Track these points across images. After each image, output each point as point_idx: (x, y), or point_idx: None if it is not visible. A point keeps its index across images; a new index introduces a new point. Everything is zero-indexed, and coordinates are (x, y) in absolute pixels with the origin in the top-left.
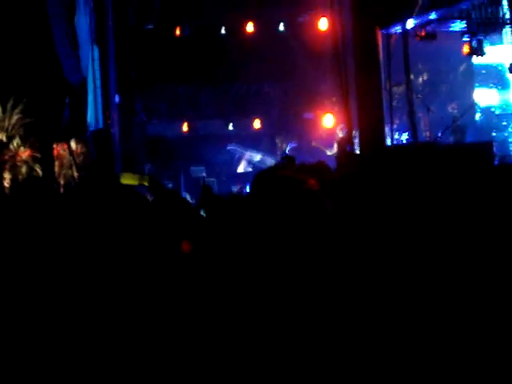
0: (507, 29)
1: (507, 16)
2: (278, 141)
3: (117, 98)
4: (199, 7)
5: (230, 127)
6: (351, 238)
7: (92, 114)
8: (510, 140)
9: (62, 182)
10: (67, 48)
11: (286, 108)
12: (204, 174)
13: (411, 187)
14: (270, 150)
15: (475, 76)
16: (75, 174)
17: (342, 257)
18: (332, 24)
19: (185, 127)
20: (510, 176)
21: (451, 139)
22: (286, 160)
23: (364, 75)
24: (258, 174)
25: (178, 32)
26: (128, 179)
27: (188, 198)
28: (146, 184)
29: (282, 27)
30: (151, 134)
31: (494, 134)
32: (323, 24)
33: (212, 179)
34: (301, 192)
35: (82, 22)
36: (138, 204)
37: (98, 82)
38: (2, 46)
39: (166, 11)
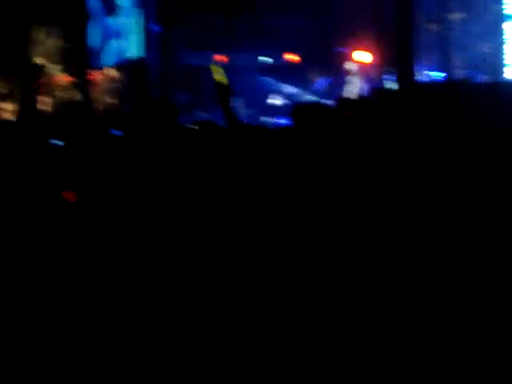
0: None
1: None
2: (309, 75)
3: (156, 27)
4: None
5: (265, 60)
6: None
7: (132, 42)
8: None
9: (99, 107)
10: None
11: (321, 43)
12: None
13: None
14: (302, 84)
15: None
16: (112, 100)
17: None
18: None
19: (222, 58)
20: None
21: (485, 78)
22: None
23: (400, 12)
24: (302, 107)
25: None
26: (219, 74)
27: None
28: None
29: None
30: (189, 63)
31: None
32: None
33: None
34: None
35: None
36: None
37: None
38: None
39: None
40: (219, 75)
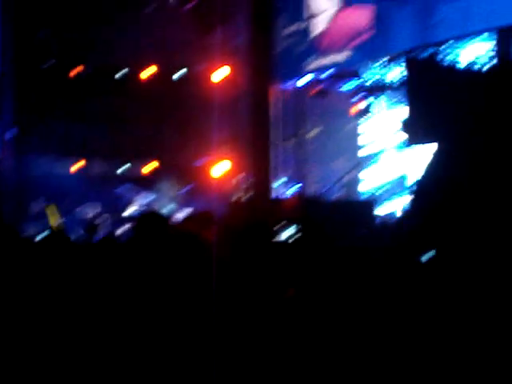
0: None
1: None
2: (172, 184)
3: (10, 134)
4: (100, 47)
5: (125, 168)
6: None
7: None
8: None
9: None
10: None
11: (182, 153)
12: (95, 212)
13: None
14: (164, 192)
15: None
16: None
17: None
18: (231, 74)
19: (78, 165)
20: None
21: (340, 194)
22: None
23: (256, 128)
24: (142, 219)
25: (78, 70)
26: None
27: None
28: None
29: (181, 73)
30: (46, 171)
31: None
32: (219, 75)
33: (106, 217)
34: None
35: None
36: None
37: None
38: None
39: (67, 50)
40: (53, 218)
